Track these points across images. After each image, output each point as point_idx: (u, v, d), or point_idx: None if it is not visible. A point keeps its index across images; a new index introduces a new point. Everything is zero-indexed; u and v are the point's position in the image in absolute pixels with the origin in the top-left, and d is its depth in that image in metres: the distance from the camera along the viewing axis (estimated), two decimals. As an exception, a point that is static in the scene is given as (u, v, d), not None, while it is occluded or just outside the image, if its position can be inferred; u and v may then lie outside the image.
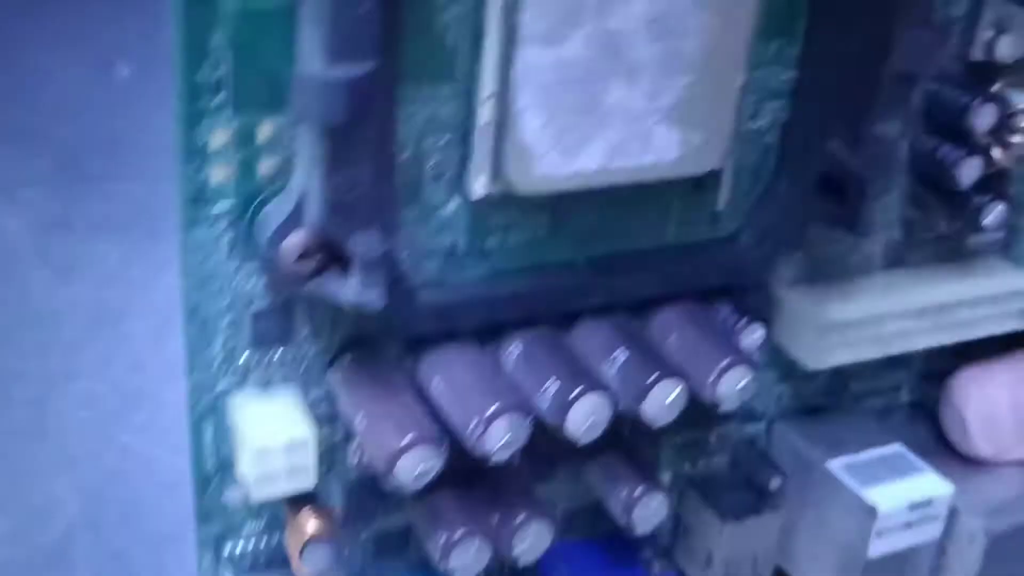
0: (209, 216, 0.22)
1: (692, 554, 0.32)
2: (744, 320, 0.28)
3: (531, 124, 0.23)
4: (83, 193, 0.47)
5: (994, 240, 0.33)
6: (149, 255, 0.45)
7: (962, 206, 0.30)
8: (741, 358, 0.26)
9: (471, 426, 0.24)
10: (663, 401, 0.25)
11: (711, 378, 0.26)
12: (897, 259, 0.31)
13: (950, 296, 0.31)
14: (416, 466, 0.23)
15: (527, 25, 0.22)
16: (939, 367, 0.34)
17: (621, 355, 0.26)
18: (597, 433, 0.25)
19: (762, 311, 0.30)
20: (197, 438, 0.25)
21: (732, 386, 0.26)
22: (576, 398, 0.24)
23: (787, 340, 0.30)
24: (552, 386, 0.25)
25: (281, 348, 0.24)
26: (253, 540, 0.26)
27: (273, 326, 0.24)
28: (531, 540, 0.26)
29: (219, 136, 0.22)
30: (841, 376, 0.33)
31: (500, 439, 0.24)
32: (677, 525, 0.32)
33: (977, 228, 0.30)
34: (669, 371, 0.25)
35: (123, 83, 0.53)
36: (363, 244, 0.21)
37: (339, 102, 0.20)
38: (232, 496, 0.25)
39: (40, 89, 0.51)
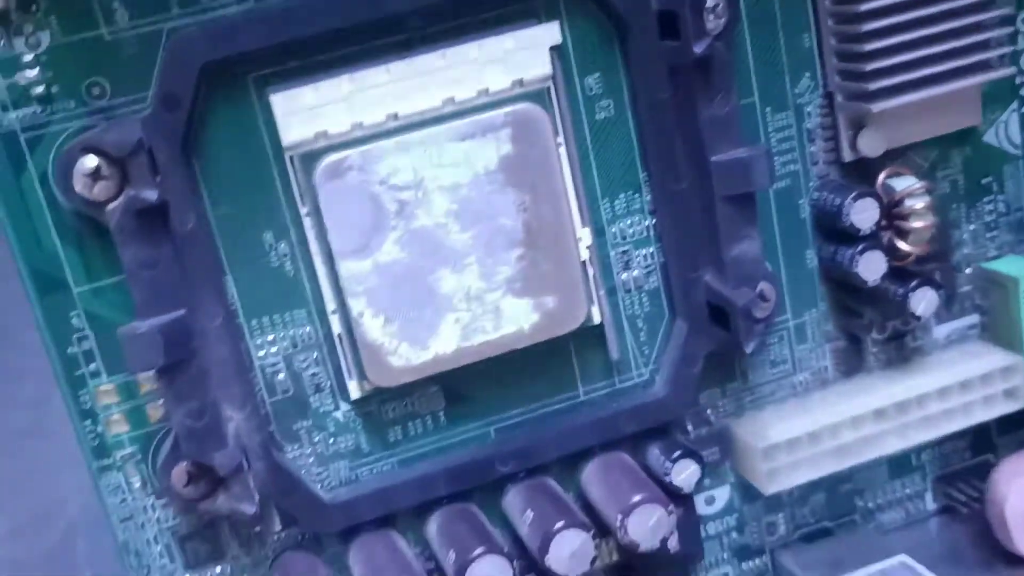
0: (116, 462, 0.26)
1: None
2: (675, 457, 0.29)
3: (373, 326, 0.26)
4: None
5: (969, 326, 0.32)
6: None
7: (885, 302, 0.29)
8: (650, 495, 0.27)
9: (375, 608, 0.26)
10: (568, 552, 0.26)
11: (618, 520, 0.27)
12: (853, 367, 0.31)
13: (908, 392, 0.30)
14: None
15: (336, 242, 0.25)
16: (958, 466, 0.33)
17: (530, 513, 0.27)
18: (504, 591, 0.26)
19: (709, 447, 0.30)
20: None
21: (643, 525, 0.27)
22: (469, 563, 0.26)
23: (745, 470, 0.30)
24: (451, 556, 0.26)
25: (217, 566, 0.28)
26: None
27: (201, 547, 0.27)
28: None
29: (103, 396, 0.26)
30: (841, 495, 0.32)
31: (403, 616, 0.25)
32: (702, 677, 0.32)
33: (912, 319, 0.29)
34: (572, 521, 0.26)
35: None
36: (222, 460, 0.25)
37: (153, 349, 0.23)
38: None
39: None
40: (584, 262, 0.27)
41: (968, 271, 0.31)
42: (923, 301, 0.29)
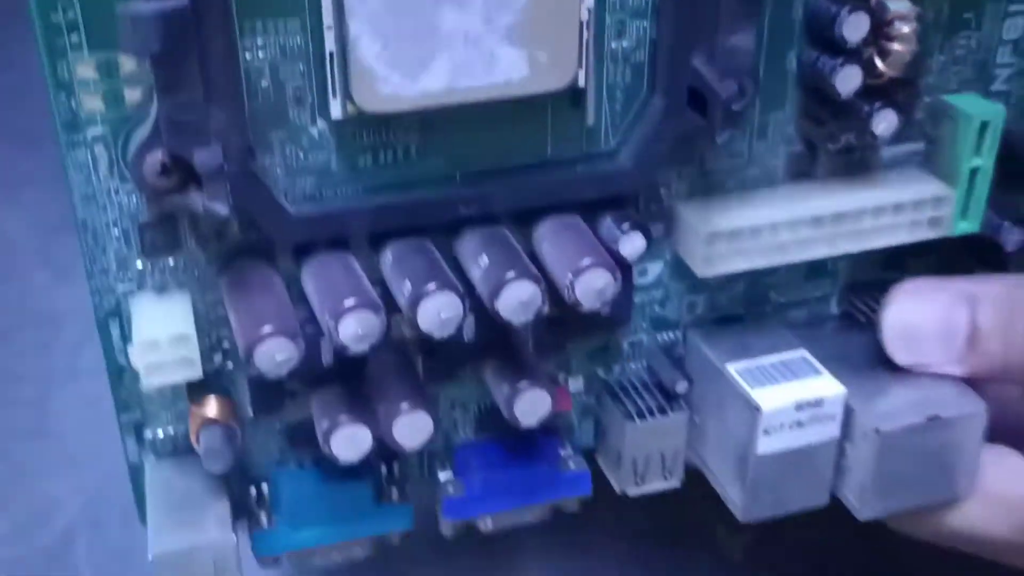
0: (85, 140, 0.26)
1: (608, 454, 0.34)
2: (624, 228, 0.30)
3: (369, 50, 0.26)
4: None
5: (912, 151, 0.33)
6: None
7: (851, 117, 0.31)
8: (600, 261, 0.28)
9: (326, 320, 0.26)
10: (518, 299, 0.27)
11: (568, 279, 0.28)
12: (802, 172, 0.32)
13: (848, 205, 0.31)
14: (273, 356, 0.26)
15: (347, -42, 0.25)
16: (867, 278, 0.35)
17: (485, 258, 0.28)
18: (452, 329, 0.27)
19: (655, 222, 0.31)
20: (106, 335, 0.28)
21: (590, 287, 0.28)
22: (423, 295, 0.27)
23: (683, 250, 0.32)
24: (406, 286, 0.27)
25: (172, 257, 0.28)
26: (171, 428, 0.30)
27: (160, 237, 0.27)
28: (412, 429, 0.29)
29: (83, 70, 0.25)
30: (760, 287, 0.34)
31: (352, 333, 0.26)
32: (598, 428, 0.35)
33: (870, 137, 0.31)
34: (524, 271, 0.27)
35: None
36: (203, 158, 0.25)
37: (152, 34, 0.23)
38: (144, 385, 0.29)
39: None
40: (582, 23, 0.27)
41: (927, 100, 0.33)
42: (884, 122, 0.30)
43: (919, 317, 0.32)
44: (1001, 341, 0.31)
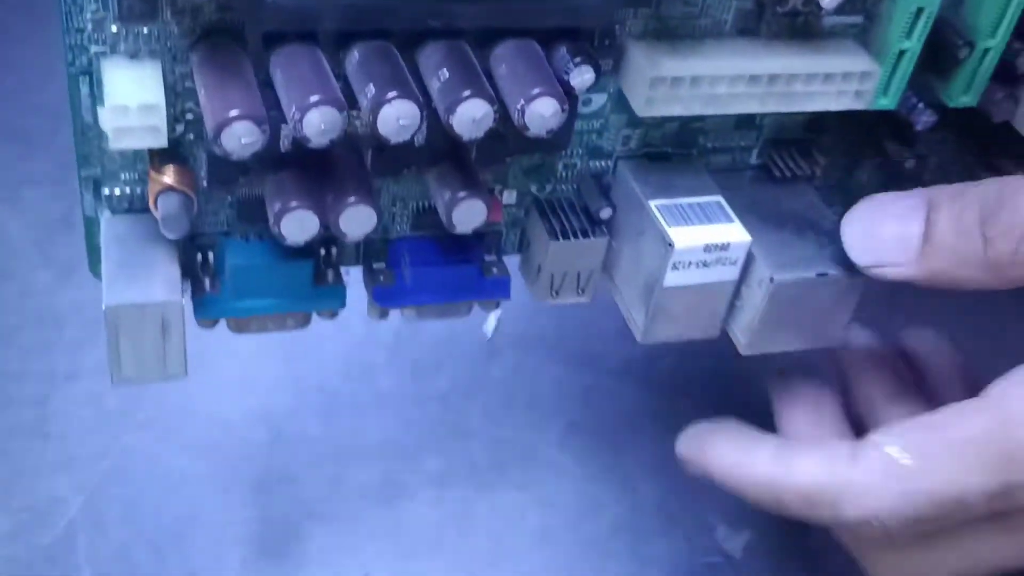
0: (76, -101, 0.26)
1: (528, 265, 0.37)
2: (577, 61, 0.32)
3: None
4: None
5: (851, 23, 0.35)
6: None
7: (802, -17, 0.32)
8: (550, 91, 0.30)
9: (291, 113, 0.28)
10: (471, 117, 0.29)
11: (519, 104, 0.30)
12: (748, 28, 0.34)
13: (785, 68, 0.34)
14: (239, 137, 0.28)
15: None
16: (789, 136, 0.38)
17: (445, 73, 0.30)
18: (407, 136, 0.29)
19: (605, 58, 0.33)
20: (75, 92, 0.30)
21: (538, 114, 0.30)
22: (386, 102, 0.28)
23: (627, 88, 0.34)
24: (370, 89, 0.29)
25: (147, 26, 0.29)
26: (128, 187, 0.32)
27: (137, 4, 0.28)
28: (356, 220, 0.31)
29: None
30: (690, 130, 0.36)
31: (316, 127, 0.28)
32: (523, 239, 0.37)
33: (815, 6, 0.33)
34: (480, 91, 0.29)
35: None
36: (194, -61, 0.25)
37: None
38: (107, 145, 0.30)
39: (42, 89, 0.50)
40: None
41: (872, -23, 0.35)
42: (832, -6, 0.32)
43: (878, 219, 0.34)
44: (953, 233, 0.32)
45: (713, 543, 0.41)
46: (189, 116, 0.31)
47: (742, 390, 0.43)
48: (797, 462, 0.34)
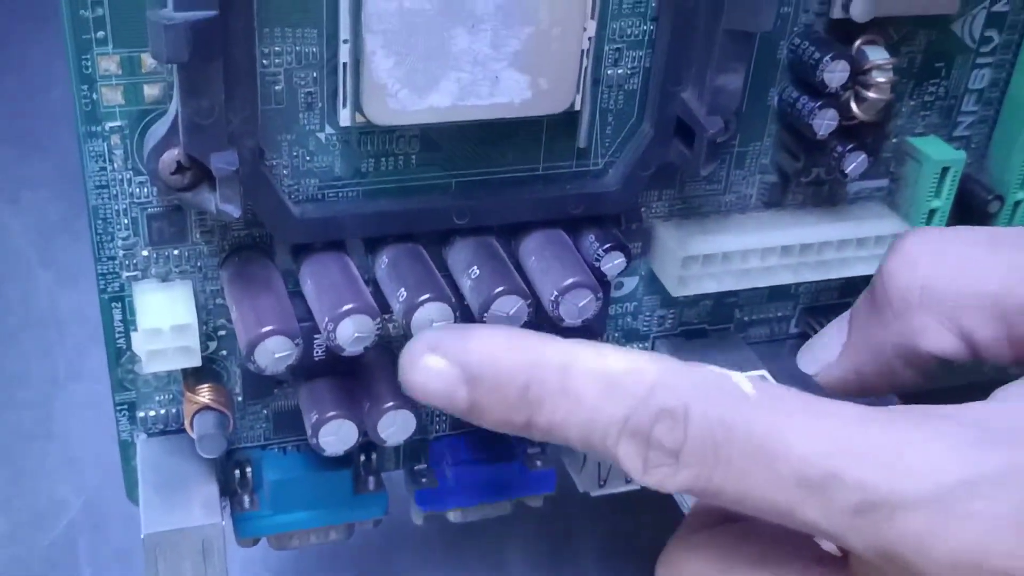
0: (103, 131, 0.27)
1: (573, 455, 0.36)
2: (607, 247, 0.31)
3: (382, 65, 0.27)
4: None
5: (877, 188, 0.35)
6: None
7: (824, 154, 0.32)
8: (584, 282, 0.30)
9: (325, 322, 0.28)
10: (505, 312, 0.29)
11: (553, 296, 0.29)
12: (773, 201, 0.34)
13: (816, 237, 0.33)
14: (273, 353, 0.27)
15: (370, -21, 0.26)
16: (825, 302, 0.37)
17: (476, 270, 0.30)
18: (442, 336, 0.29)
19: (634, 241, 0.33)
20: (108, 319, 0.29)
21: (573, 305, 0.30)
22: (419, 304, 0.28)
23: (658, 269, 0.33)
24: (402, 292, 0.29)
25: (176, 248, 0.29)
26: (163, 409, 0.31)
27: (167, 228, 0.28)
28: (396, 425, 0.30)
29: (106, 64, 0.26)
30: (726, 305, 0.36)
31: (349, 335, 0.28)
32: (565, 429, 0.36)
33: (840, 175, 0.33)
34: (513, 287, 0.29)
35: None
36: (220, 162, 0.26)
37: (182, 43, 0.24)
38: (142, 367, 0.30)
39: (44, 93, 0.52)
40: (583, 51, 0.29)
41: (894, 140, 0.35)
42: (855, 163, 0.32)
43: (823, 331, 0.34)
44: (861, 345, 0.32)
45: None
46: (221, 332, 0.31)
47: None
48: (608, 348, 0.26)
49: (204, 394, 0.30)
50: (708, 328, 0.36)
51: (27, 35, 0.57)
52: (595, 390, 0.25)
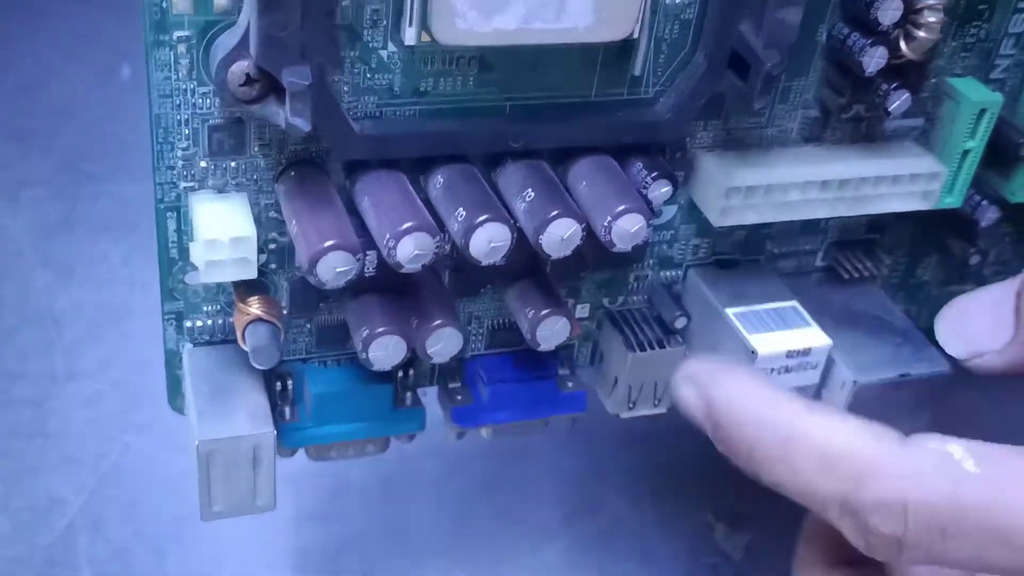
0: (171, 40, 0.27)
1: (604, 377, 0.37)
2: (654, 175, 0.32)
3: (453, -15, 0.27)
4: (85, 194, 0.47)
5: (913, 126, 0.36)
6: (151, 255, 0.44)
7: (869, 92, 0.33)
8: (636, 207, 0.30)
9: (385, 240, 0.28)
10: (560, 236, 0.29)
11: (607, 221, 0.30)
12: (814, 136, 0.35)
13: (854, 173, 0.34)
14: (334, 268, 0.28)
15: (448, -103, 0.26)
16: (852, 238, 0.38)
17: (530, 193, 0.30)
18: (498, 257, 0.29)
19: (677, 170, 0.34)
20: (162, 229, 0.30)
21: (625, 231, 0.30)
22: (479, 224, 0.28)
23: (699, 199, 0.34)
24: (461, 212, 0.29)
25: (234, 160, 0.29)
26: (209, 320, 0.31)
27: (227, 139, 0.28)
28: (443, 343, 0.31)
29: (177, -28, 0.26)
30: (758, 236, 0.37)
31: (409, 252, 0.28)
32: (595, 352, 0.37)
33: (884, 113, 0.33)
34: (568, 211, 0.29)
35: (126, 85, 0.52)
36: (293, 77, 0.26)
37: (267, -47, 0.24)
38: (191, 278, 0.30)
39: (43, 90, 0.51)
40: (649, -19, 0.29)
41: (933, 80, 0.35)
42: (899, 101, 0.33)
43: (971, 312, 0.33)
44: None
45: (713, 543, 0.41)
46: (272, 246, 0.31)
47: None
48: (833, 420, 0.28)
49: (256, 306, 0.30)
50: (740, 258, 0.37)
51: (27, 34, 0.55)
52: (813, 467, 0.26)
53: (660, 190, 0.32)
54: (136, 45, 0.26)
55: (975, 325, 0.33)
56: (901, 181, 0.35)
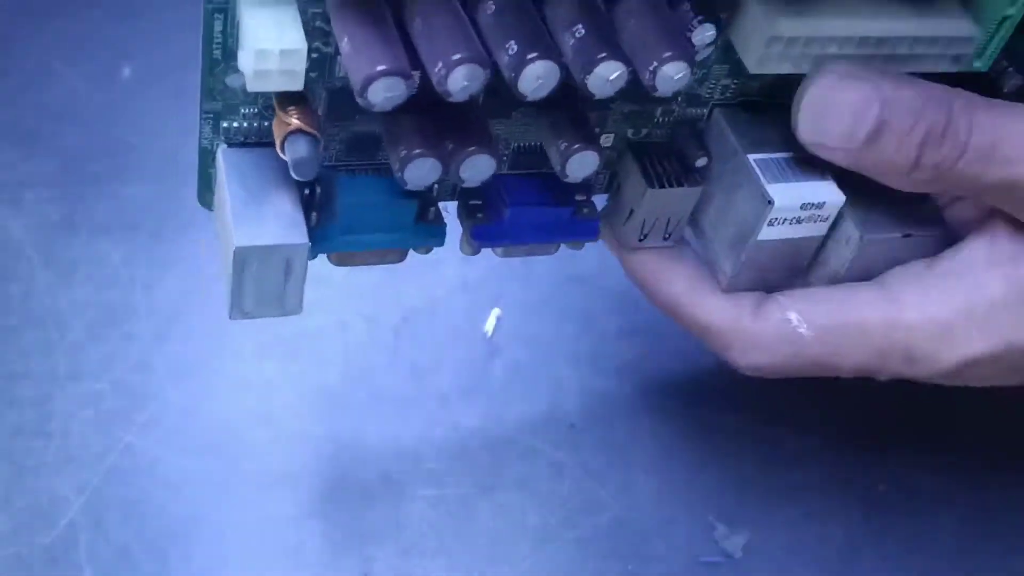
0: None
1: (619, 208, 0.37)
2: (700, 18, 0.32)
3: None
4: (87, 195, 0.46)
5: (958, -10, 0.36)
6: (152, 256, 0.45)
7: (921, -50, 0.33)
8: (681, 54, 0.30)
9: (437, 68, 0.28)
10: (606, 77, 0.29)
11: (652, 66, 0.30)
12: (859, -12, 0.34)
13: (894, 31, 0.34)
14: (385, 92, 0.28)
15: None
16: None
17: (580, 30, 0.30)
18: (544, 94, 0.29)
19: (721, 11, 0.33)
20: (208, 28, 0.29)
21: (668, 76, 0.30)
22: (529, 61, 0.28)
23: (738, 42, 0.34)
24: (512, 47, 0.29)
25: (287, -35, 0.28)
26: (246, 122, 0.32)
27: (283, -56, 0.28)
28: (476, 168, 0.31)
29: None
30: (787, 83, 0.37)
31: (460, 83, 0.28)
32: (612, 181, 0.38)
33: (934, -26, 0.33)
34: (616, 53, 0.29)
35: (128, 85, 0.50)
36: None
37: None
38: (232, 81, 0.30)
39: (44, 91, 0.49)
40: None
41: (984, -57, 0.35)
42: (951, -36, 0.33)
43: (833, 107, 0.34)
44: (893, 149, 0.33)
45: (713, 543, 0.41)
46: (315, 55, 0.30)
47: (742, 391, 0.44)
48: (708, 300, 0.37)
49: (297, 116, 0.30)
50: (764, 101, 0.37)
51: (27, 35, 0.51)
52: (695, 333, 0.38)
53: (704, 33, 0.32)
54: (138, 46, 0.25)
55: (832, 123, 0.34)
56: (937, 43, 0.35)
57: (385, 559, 0.39)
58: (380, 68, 0.27)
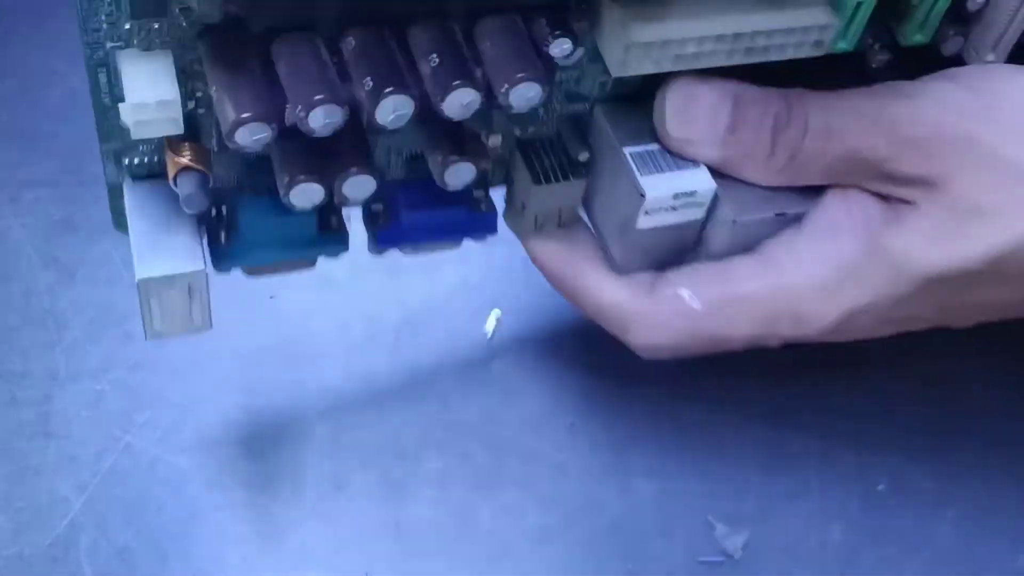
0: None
1: (512, 202, 0.40)
2: (557, 32, 0.34)
3: None
4: (87, 195, 0.46)
5: (814, -23, 0.37)
6: None
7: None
8: (534, 75, 0.33)
9: (297, 109, 0.31)
10: (460, 103, 0.32)
11: (503, 88, 0.33)
12: (716, -15, 0.36)
13: (750, 26, 0.36)
14: (251, 135, 0.31)
15: None
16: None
17: (435, 59, 0.32)
18: (403, 123, 0.32)
19: (581, 20, 0.35)
20: (95, 82, 0.32)
21: (522, 95, 0.33)
22: (384, 95, 0.31)
23: (602, 49, 0.36)
24: (368, 82, 0.31)
25: (157, 22, 0.31)
26: (146, 157, 0.35)
27: (148, 2, 0.30)
28: (358, 187, 0.34)
29: None
30: (659, 76, 0.39)
31: (321, 121, 0.31)
32: (508, 176, 0.40)
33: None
34: (468, 80, 0.32)
35: None
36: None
37: None
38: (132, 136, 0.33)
39: (45, 90, 0.50)
40: None
41: (837, -67, 0.36)
42: (796, -38, 0.34)
43: (692, 106, 0.37)
44: (751, 139, 0.37)
45: (713, 543, 0.42)
46: (199, 94, 0.33)
47: (742, 390, 0.45)
48: (605, 282, 0.39)
49: (186, 155, 0.33)
50: (643, 94, 0.39)
51: (27, 35, 0.52)
52: (593, 315, 0.40)
53: (561, 47, 0.34)
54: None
55: (695, 120, 0.37)
56: (794, 33, 0.37)
57: (385, 559, 0.40)
58: (244, 115, 0.30)
